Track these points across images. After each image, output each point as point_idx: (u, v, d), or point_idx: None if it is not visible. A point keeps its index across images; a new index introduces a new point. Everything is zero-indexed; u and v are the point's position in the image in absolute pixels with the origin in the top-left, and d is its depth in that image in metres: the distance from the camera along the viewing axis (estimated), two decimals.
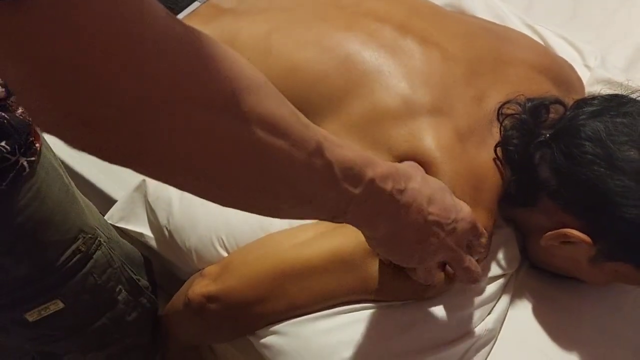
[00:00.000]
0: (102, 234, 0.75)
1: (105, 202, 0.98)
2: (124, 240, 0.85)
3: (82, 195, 0.76)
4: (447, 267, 0.69)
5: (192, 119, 0.38)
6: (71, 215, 0.69)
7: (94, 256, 0.73)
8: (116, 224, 0.92)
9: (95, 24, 0.31)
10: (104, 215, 0.94)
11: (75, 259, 0.70)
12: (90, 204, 0.79)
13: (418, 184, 0.58)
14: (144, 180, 0.90)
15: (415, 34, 0.83)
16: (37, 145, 0.62)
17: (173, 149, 0.39)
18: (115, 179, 1.00)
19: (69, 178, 0.72)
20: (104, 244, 0.75)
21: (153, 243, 0.90)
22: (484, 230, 0.67)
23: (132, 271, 0.81)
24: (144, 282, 0.84)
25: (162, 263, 0.98)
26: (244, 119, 0.41)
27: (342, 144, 0.51)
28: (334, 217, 0.53)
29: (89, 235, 0.72)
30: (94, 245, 0.73)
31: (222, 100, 0.39)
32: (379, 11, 0.87)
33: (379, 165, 0.54)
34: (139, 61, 0.34)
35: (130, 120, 0.35)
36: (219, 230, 0.82)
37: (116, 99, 0.34)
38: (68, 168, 1.04)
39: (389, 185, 0.55)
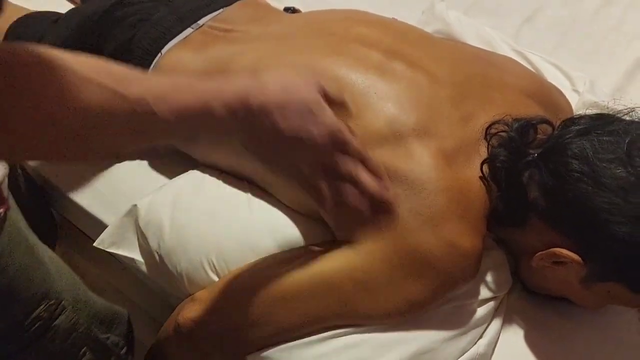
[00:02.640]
0: (67, 297, 0.74)
1: (96, 227, 0.98)
2: (95, 297, 0.83)
3: (53, 256, 0.75)
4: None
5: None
6: (35, 281, 0.69)
7: (57, 321, 0.72)
8: (107, 250, 0.92)
9: None
10: (94, 241, 0.94)
11: (36, 326, 0.69)
12: (61, 262, 0.77)
13: (274, 97, 0.61)
14: (135, 206, 0.90)
15: (403, 58, 0.84)
16: (2, 210, 0.62)
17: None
18: (106, 204, 1.00)
19: (36, 239, 0.72)
20: (69, 307, 0.73)
21: (144, 268, 0.90)
22: (349, 137, 0.66)
23: (100, 330, 0.80)
24: (114, 338, 0.83)
25: (153, 290, 0.97)
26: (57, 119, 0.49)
27: (177, 89, 0.56)
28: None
29: (52, 302, 0.70)
30: (57, 311, 0.72)
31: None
32: (367, 37, 0.88)
33: (225, 96, 0.58)
34: None
35: None
36: (209, 253, 0.82)
37: None
38: (60, 193, 1.04)
39: (239, 115, 0.59)
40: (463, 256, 0.72)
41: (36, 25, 1.11)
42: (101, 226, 0.95)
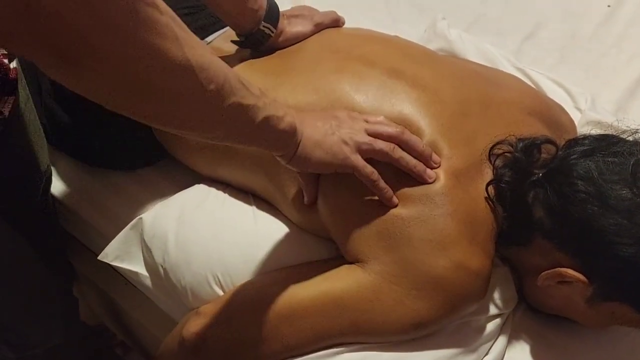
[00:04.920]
0: None
1: (101, 240, 0.98)
2: None
3: None
4: None
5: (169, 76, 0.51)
6: None
7: None
8: (111, 263, 0.92)
9: None
10: (98, 255, 0.94)
11: None
12: None
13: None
14: (140, 219, 0.90)
15: (405, 77, 0.84)
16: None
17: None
18: (110, 217, 1.00)
19: None
20: None
21: (148, 282, 0.90)
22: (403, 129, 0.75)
23: None
24: None
25: (156, 303, 0.97)
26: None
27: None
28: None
29: None
30: None
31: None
32: (370, 55, 0.88)
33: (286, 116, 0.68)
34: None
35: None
36: (215, 268, 0.82)
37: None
38: (64, 206, 1.04)
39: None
40: (473, 278, 0.72)
41: None
42: (105, 240, 0.95)
